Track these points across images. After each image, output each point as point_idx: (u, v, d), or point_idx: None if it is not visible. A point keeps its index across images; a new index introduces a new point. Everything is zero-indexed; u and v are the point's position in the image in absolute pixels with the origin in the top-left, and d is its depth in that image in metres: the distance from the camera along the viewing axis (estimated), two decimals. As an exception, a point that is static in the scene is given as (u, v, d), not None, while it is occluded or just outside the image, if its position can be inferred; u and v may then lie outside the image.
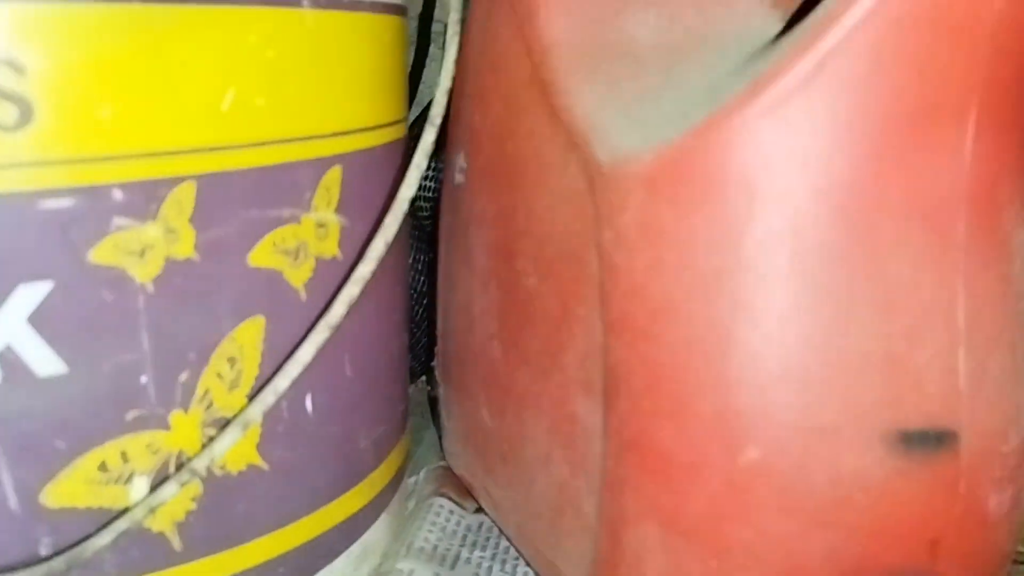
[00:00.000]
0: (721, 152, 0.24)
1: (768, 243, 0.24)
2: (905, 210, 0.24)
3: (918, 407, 0.24)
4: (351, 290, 0.27)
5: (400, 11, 0.32)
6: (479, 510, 0.38)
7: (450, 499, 0.38)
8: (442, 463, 0.40)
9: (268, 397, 0.25)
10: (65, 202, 0.22)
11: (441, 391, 0.39)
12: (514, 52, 0.31)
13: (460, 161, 0.35)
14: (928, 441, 0.24)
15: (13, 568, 0.23)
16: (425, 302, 0.48)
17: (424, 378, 0.47)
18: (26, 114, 0.21)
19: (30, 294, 0.22)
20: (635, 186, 0.25)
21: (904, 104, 0.23)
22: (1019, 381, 0.26)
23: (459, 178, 0.35)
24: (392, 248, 0.29)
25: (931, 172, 0.24)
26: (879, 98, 0.23)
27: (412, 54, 0.54)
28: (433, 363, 0.40)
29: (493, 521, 0.37)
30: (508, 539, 0.36)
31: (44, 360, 0.23)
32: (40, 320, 0.22)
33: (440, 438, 0.40)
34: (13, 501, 0.23)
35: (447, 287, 0.37)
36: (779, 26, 0.29)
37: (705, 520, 0.25)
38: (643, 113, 0.27)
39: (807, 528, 0.25)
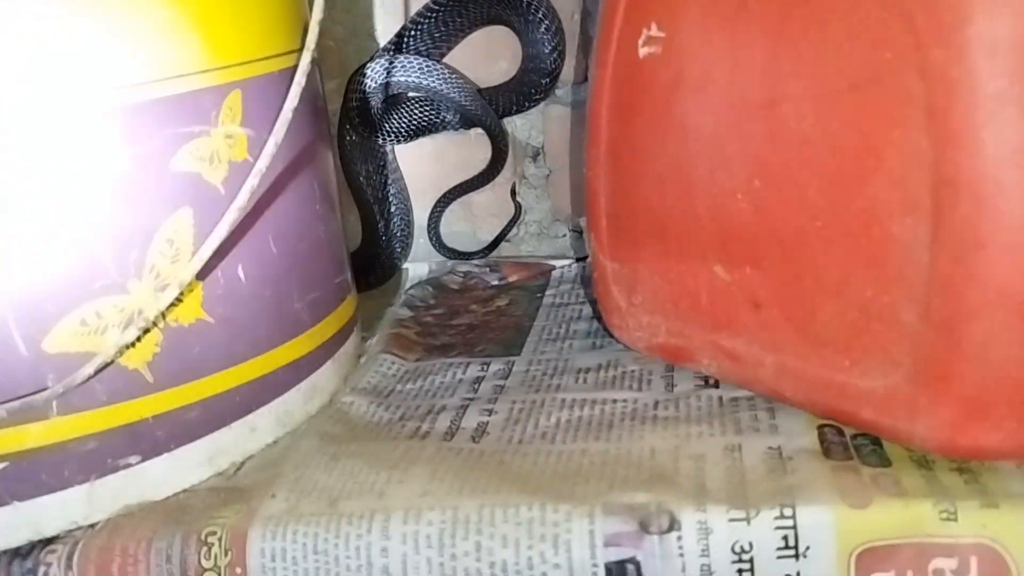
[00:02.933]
0: None
1: None
2: None
3: None
4: (251, 181, 0.36)
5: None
6: (418, 359, 0.47)
7: (393, 354, 0.47)
8: (392, 331, 0.50)
9: (195, 263, 0.35)
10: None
11: (612, 272, 0.41)
12: None
13: (650, 32, 0.36)
14: None
15: (29, 394, 0.33)
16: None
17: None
18: None
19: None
20: (971, 5, 0.28)
21: None
22: None
23: (647, 50, 0.37)
24: (299, 153, 0.37)
25: None
26: None
27: None
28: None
29: (719, 377, 0.38)
30: (752, 387, 0.37)
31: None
32: (19, 219, 0.32)
33: (602, 321, 0.43)
34: (23, 349, 0.33)
35: (618, 167, 0.39)
36: None
37: None
38: None
39: None
